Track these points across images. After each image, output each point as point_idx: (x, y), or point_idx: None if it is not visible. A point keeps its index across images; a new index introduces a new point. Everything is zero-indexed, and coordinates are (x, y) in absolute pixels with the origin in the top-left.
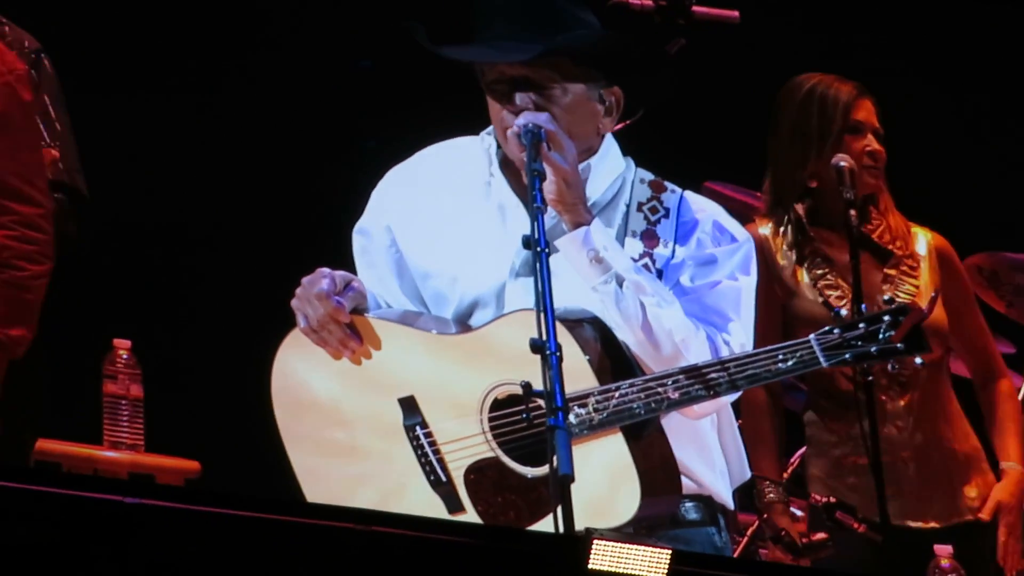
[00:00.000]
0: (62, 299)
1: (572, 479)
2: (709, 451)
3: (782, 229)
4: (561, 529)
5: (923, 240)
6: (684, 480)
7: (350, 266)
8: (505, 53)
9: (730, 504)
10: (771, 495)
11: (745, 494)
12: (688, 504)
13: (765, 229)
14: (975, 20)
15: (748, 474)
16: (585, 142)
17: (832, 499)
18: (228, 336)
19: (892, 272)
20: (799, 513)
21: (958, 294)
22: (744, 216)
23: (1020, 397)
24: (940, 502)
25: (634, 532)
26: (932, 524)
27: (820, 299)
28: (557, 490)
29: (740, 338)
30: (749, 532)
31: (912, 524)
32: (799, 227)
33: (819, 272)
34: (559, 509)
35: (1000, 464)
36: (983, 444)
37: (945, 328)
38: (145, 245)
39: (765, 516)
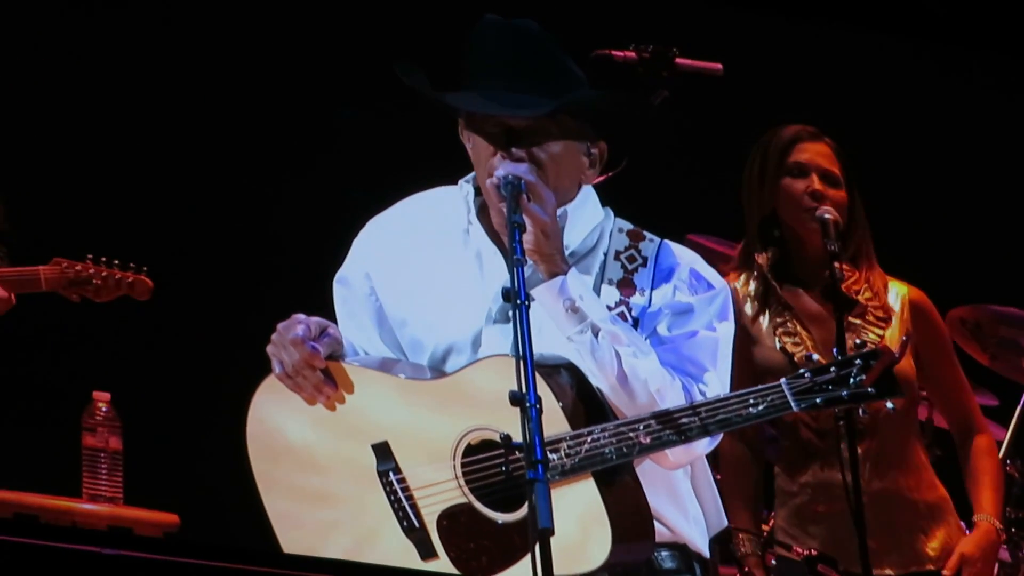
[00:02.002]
0: (42, 352)
1: (552, 532)
2: (682, 498)
3: (748, 279)
4: None
5: (897, 293)
6: (658, 527)
7: (330, 315)
8: (516, 107)
9: (705, 552)
10: (745, 547)
11: (726, 546)
12: (664, 553)
13: (736, 282)
14: (957, 74)
15: (725, 522)
16: (566, 193)
17: (814, 551)
18: (207, 388)
19: (856, 321)
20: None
21: (934, 348)
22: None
23: (1002, 452)
24: (897, 551)
25: None
26: (887, 571)
27: (778, 346)
28: (536, 543)
29: (716, 388)
30: None
31: None
32: (761, 276)
33: (779, 320)
34: (539, 564)
35: (973, 517)
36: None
37: (912, 379)
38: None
39: (745, 568)
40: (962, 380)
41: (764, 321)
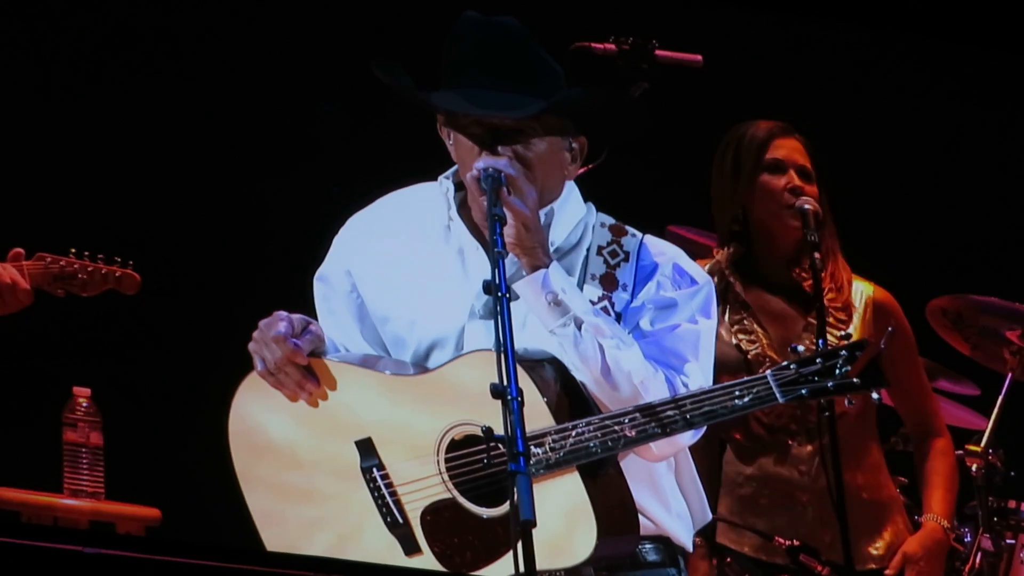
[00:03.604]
0: (22, 347)
1: (534, 524)
2: (664, 493)
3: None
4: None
5: (861, 293)
6: (641, 520)
7: (312, 312)
8: (501, 108)
9: (688, 546)
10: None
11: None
12: (648, 545)
13: None
14: (930, 65)
15: (709, 516)
16: (552, 191)
17: (796, 542)
18: (189, 382)
19: (816, 321)
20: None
21: (899, 349)
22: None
23: (983, 441)
24: (839, 548)
25: (594, 572)
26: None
27: (733, 342)
28: (518, 535)
29: (699, 380)
30: None
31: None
32: (719, 272)
33: (735, 317)
34: (520, 555)
35: (921, 517)
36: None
37: None
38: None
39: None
40: (924, 383)
41: (723, 317)
